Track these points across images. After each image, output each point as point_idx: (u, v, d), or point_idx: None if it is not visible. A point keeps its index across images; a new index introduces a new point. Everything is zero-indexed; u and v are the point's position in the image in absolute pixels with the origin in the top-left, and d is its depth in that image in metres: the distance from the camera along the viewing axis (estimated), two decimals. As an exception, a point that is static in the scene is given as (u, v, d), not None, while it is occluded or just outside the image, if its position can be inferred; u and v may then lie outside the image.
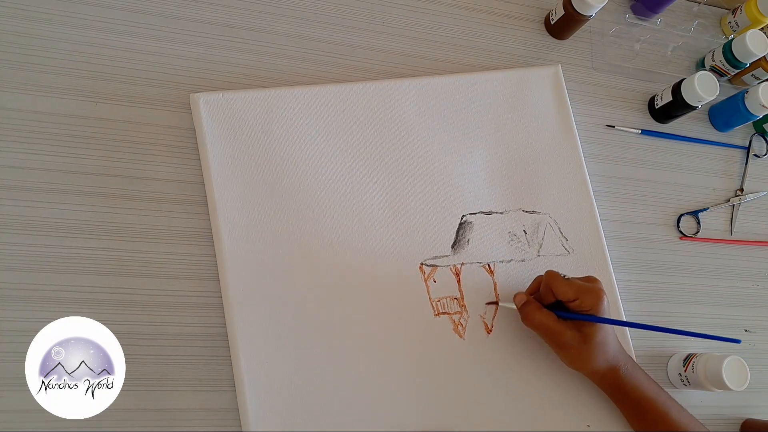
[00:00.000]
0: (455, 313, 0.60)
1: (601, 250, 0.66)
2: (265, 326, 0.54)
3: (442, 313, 0.59)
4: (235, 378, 0.53)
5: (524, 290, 0.59)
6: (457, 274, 0.61)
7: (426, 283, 0.60)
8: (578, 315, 0.55)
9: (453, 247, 0.62)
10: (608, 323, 0.56)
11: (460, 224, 0.62)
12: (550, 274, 0.56)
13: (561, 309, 0.56)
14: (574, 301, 0.55)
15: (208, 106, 0.58)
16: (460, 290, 0.61)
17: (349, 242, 0.59)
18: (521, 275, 0.63)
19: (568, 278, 0.56)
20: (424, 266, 0.60)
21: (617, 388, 0.57)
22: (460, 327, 0.59)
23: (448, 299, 0.60)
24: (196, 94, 0.58)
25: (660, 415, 0.56)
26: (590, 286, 0.56)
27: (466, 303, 0.60)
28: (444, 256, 0.61)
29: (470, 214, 0.63)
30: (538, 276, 0.59)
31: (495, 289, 0.62)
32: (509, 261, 0.63)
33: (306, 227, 0.58)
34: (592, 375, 0.58)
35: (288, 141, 0.60)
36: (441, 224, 0.62)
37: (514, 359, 0.60)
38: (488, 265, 0.62)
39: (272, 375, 0.53)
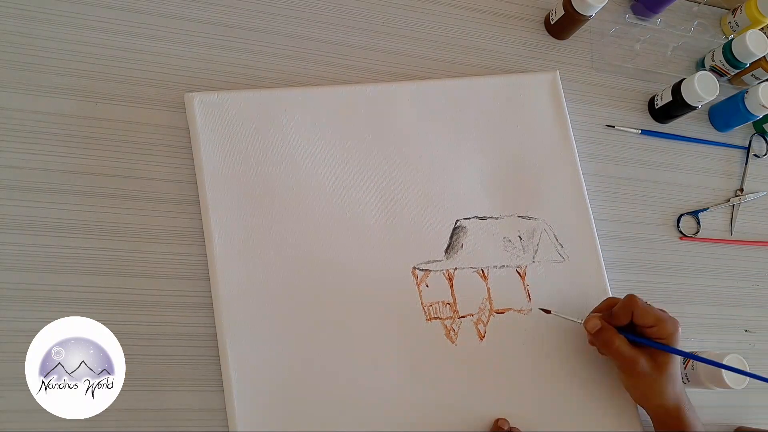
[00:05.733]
0: (447, 318, 0.59)
1: (596, 257, 0.65)
2: (255, 327, 0.54)
3: (434, 318, 0.59)
4: (223, 378, 0.53)
5: (591, 311, 0.59)
6: (450, 279, 0.61)
7: (418, 287, 0.59)
8: (653, 342, 0.55)
9: (446, 251, 0.61)
10: (684, 355, 0.56)
11: (454, 229, 0.62)
12: (633, 298, 0.56)
13: (628, 333, 0.56)
14: (652, 327, 0.55)
15: (202, 106, 0.58)
16: (452, 295, 0.60)
17: (342, 245, 0.58)
18: (515, 281, 0.62)
19: (648, 304, 0.56)
20: (416, 270, 0.60)
21: (676, 428, 0.55)
22: (452, 332, 0.59)
23: (441, 304, 0.60)
24: (191, 93, 0.58)
25: None
26: (668, 315, 0.56)
27: (458, 308, 0.60)
28: (437, 261, 0.61)
29: (464, 218, 0.63)
30: (610, 297, 0.60)
31: (488, 294, 0.61)
32: (503, 267, 0.63)
33: (298, 229, 0.58)
34: (658, 410, 0.56)
35: (282, 142, 0.59)
36: (435, 228, 0.61)
37: (506, 365, 0.59)
38: (482, 270, 0.62)
39: (261, 376, 0.53)
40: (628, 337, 0.56)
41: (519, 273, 0.63)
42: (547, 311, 0.60)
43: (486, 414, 0.57)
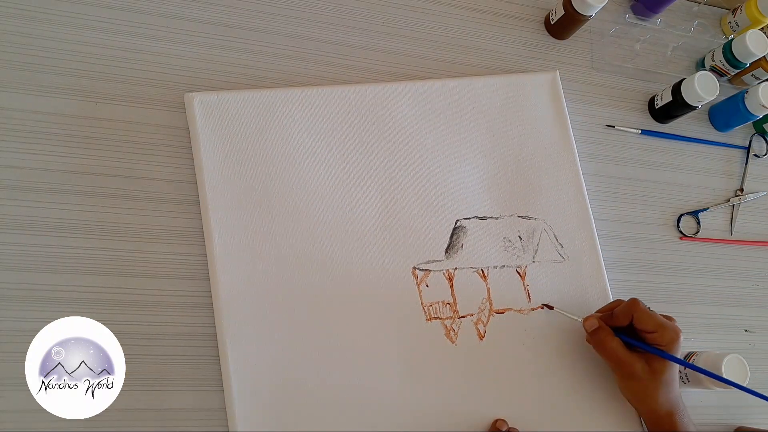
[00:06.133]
0: (447, 318, 0.59)
1: (596, 257, 0.65)
2: (255, 327, 0.54)
3: (434, 318, 0.59)
4: (222, 378, 0.53)
5: (594, 311, 0.59)
6: (450, 279, 0.61)
7: (418, 287, 0.59)
8: (650, 347, 0.55)
9: (446, 251, 0.61)
10: (681, 363, 0.56)
11: (454, 229, 0.62)
12: (635, 302, 0.56)
13: (629, 336, 0.56)
14: (652, 333, 0.55)
15: (202, 106, 0.58)
16: (452, 295, 0.60)
17: (342, 245, 0.58)
18: (515, 281, 0.62)
19: (651, 309, 0.56)
20: (416, 270, 0.60)
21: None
22: (452, 332, 0.59)
23: (441, 304, 0.60)
24: (191, 93, 0.58)
25: None
26: (670, 323, 0.56)
27: (458, 308, 0.60)
28: (437, 261, 0.61)
29: (464, 218, 0.63)
30: (617, 300, 0.60)
31: (488, 294, 0.61)
32: (503, 267, 0.63)
33: (298, 228, 0.58)
34: (650, 414, 0.56)
35: (282, 142, 0.59)
36: (435, 228, 0.61)
37: (506, 366, 0.59)
38: (482, 270, 0.62)
39: (260, 376, 0.53)
40: (626, 340, 0.56)
41: (519, 273, 0.63)
42: (550, 307, 0.61)
43: (486, 414, 0.57)
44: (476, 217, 0.63)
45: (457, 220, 0.62)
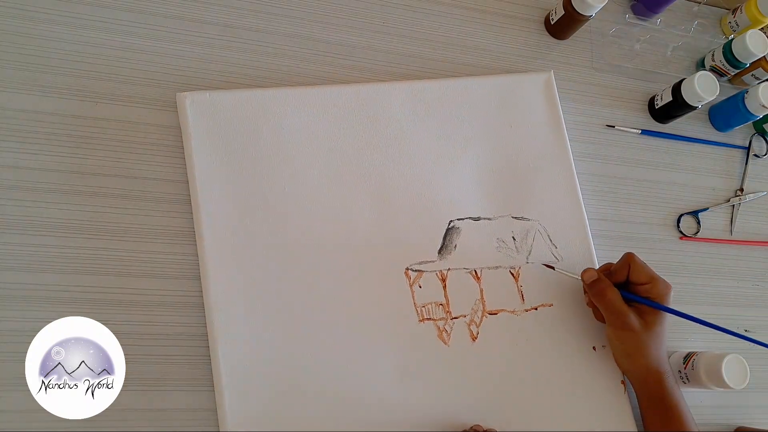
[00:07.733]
0: (440, 319, 0.59)
1: (590, 257, 0.65)
2: (246, 327, 0.54)
3: (427, 319, 0.59)
4: (213, 377, 0.53)
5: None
6: (443, 280, 0.60)
7: (411, 288, 0.59)
8: (644, 299, 0.57)
9: (440, 252, 0.61)
10: (672, 313, 0.57)
11: (448, 229, 0.62)
12: (631, 255, 0.58)
13: (626, 292, 0.58)
14: (645, 284, 0.57)
15: (194, 105, 0.58)
16: (445, 296, 0.60)
17: (334, 245, 0.58)
18: (509, 282, 0.62)
19: (644, 263, 0.58)
20: (409, 271, 0.60)
21: (657, 394, 0.57)
22: (444, 333, 0.59)
23: (434, 305, 0.60)
24: (183, 93, 0.58)
25: None
26: (662, 277, 0.58)
27: (451, 309, 0.60)
28: (430, 262, 0.61)
29: (458, 219, 0.62)
30: (608, 262, 0.62)
31: (481, 295, 0.61)
32: (497, 267, 0.62)
33: (290, 229, 0.57)
34: (640, 371, 0.58)
35: (274, 142, 0.59)
36: (428, 229, 0.61)
37: (499, 367, 0.59)
38: (475, 271, 0.62)
39: (252, 376, 0.53)
40: (622, 294, 0.58)
41: (512, 274, 0.63)
42: (551, 267, 0.62)
43: (478, 415, 0.57)
44: (470, 217, 0.63)
45: (451, 221, 0.62)
